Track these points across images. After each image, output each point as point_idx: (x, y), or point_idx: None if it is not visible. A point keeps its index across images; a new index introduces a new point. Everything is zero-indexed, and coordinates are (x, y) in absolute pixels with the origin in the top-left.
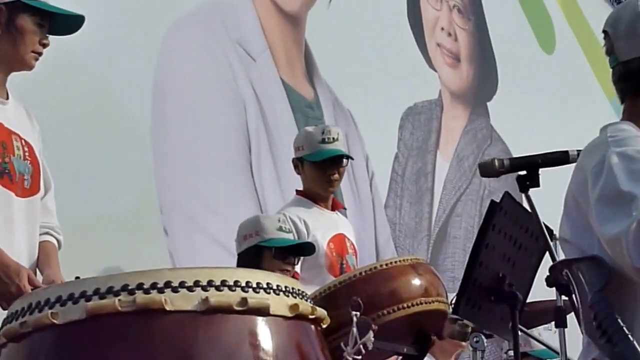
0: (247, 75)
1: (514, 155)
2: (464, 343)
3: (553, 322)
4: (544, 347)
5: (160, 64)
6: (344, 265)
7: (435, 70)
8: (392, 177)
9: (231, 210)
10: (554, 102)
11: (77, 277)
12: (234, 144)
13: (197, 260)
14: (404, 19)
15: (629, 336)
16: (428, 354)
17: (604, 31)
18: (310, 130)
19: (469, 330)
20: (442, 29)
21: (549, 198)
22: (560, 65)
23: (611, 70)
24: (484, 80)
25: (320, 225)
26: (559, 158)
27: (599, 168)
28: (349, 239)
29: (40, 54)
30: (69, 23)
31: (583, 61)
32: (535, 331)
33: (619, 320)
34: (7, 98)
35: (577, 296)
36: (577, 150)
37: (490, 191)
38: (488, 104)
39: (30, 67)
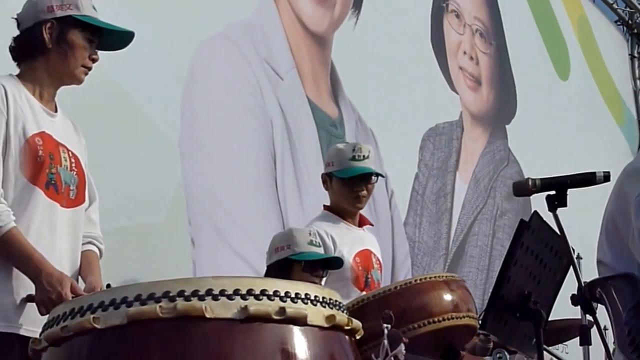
0: (274, 93)
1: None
2: (486, 358)
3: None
4: None
5: (190, 81)
6: (369, 280)
7: (457, 93)
8: (413, 196)
9: (255, 224)
10: (567, 126)
11: (108, 285)
12: (261, 160)
13: (218, 272)
14: (427, 42)
15: None
16: None
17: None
18: (342, 147)
19: (491, 345)
20: (465, 52)
21: (572, 218)
22: (573, 91)
23: None
24: (503, 103)
25: (347, 241)
26: (586, 179)
27: None
28: (374, 255)
29: (89, 68)
30: (118, 39)
31: (594, 87)
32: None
33: None
34: (56, 111)
35: (611, 313)
36: (604, 172)
37: (502, 211)
38: (507, 126)
39: (79, 82)
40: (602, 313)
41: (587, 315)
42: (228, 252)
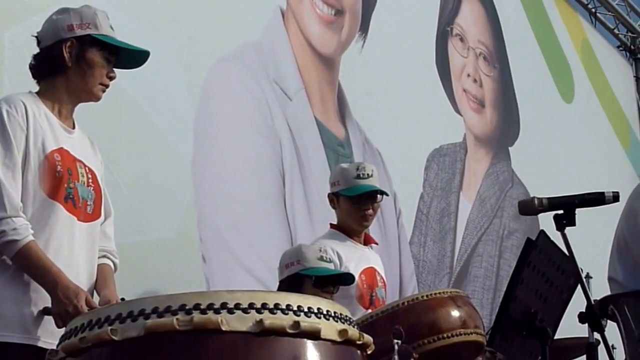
0: (283, 113)
1: None
2: None
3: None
4: None
5: (203, 101)
6: (374, 297)
7: (461, 115)
8: (417, 216)
9: (264, 242)
10: (572, 149)
11: (122, 299)
12: (270, 178)
13: (231, 287)
14: (432, 65)
15: None
16: None
17: None
18: (346, 167)
19: None
20: (469, 75)
21: (581, 238)
22: (578, 113)
23: None
24: (506, 125)
25: (353, 258)
26: (595, 199)
27: None
28: (379, 273)
29: (107, 86)
30: (134, 57)
31: (599, 111)
32: None
33: None
34: (74, 128)
35: (623, 330)
36: (613, 192)
37: (509, 231)
38: (510, 148)
39: (97, 99)
40: (609, 332)
41: (595, 334)
42: (239, 269)
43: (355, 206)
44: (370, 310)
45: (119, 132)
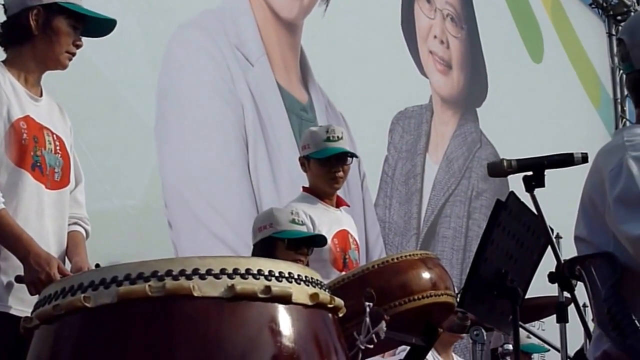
0: (245, 79)
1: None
2: (463, 336)
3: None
4: (531, 342)
5: (164, 67)
6: (347, 260)
7: (427, 77)
8: (382, 178)
9: (230, 206)
10: (542, 109)
11: (97, 265)
12: (233, 144)
13: (199, 253)
14: (397, 27)
15: None
16: None
17: (619, 39)
18: (315, 130)
19: (468, 323)
20: (435, 36)
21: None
22: (548, 73)
23: (625, 76)
24: (474, 86)
25: (325, 221)
26: (564, 160)
27: (616, 171)
28: (352, 235)
29: (73, 54)
30: (100, 26)
31: (570, 70)
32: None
33: (632, 314)
34: (41, 95)
35: (590, 291)
36: (582, 153)
37: (478, 192)
38: (477, 109)
39: (64, 67)
40: (580, 291)
41: (565, 293)
42: (205, 234)
43: (325, 169)
44: (344, 273)
45: (81, 100)
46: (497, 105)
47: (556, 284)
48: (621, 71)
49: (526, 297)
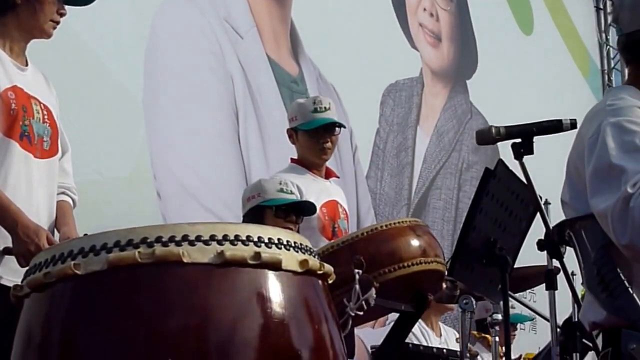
0: (234, 52)
1: None
2: (452, 305)
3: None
4: (515, 311)
5: (152, 40)
6: (336, 229)
7: (417, 50)
8: (374, 151)
9: (220, 178)
10: (532, 79)
11: (85, 234)
12: (223, 116)
13: None
14: (387, 0)
15: (629, 289)
16: None
17: (611, 0)
18: (302, 102)
19: (457, 293)
20: (425, 9)
21: (540, 166)
22: (538, 45)
23: (617, 38)
24: (464, 59)
25: (313, 191)
26: (553, 126)
27: (594, 139)
28: (341, 205)
29: (58, 22)
30: None
31: (560, 41)
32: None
33: (621, 275)
34: (27, 65)
35: (580, 254)
36: (571, 119)
37: (468, 164)
38: (467, 81)
39: (48, 36)
40: (569, 259)
41: (554, 261)
42: (195, 205)
43: (313, 140)
44: (333, 240)
45: (68, 72)
46: (487, 77)
47: (545, 253)
48: (608, 46)
49: (515, 267)
